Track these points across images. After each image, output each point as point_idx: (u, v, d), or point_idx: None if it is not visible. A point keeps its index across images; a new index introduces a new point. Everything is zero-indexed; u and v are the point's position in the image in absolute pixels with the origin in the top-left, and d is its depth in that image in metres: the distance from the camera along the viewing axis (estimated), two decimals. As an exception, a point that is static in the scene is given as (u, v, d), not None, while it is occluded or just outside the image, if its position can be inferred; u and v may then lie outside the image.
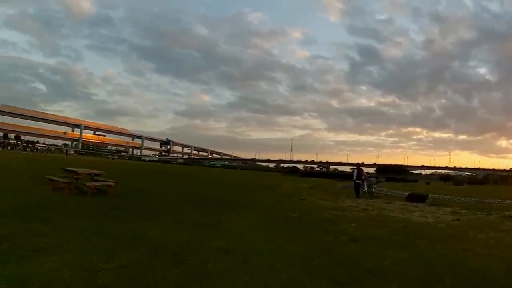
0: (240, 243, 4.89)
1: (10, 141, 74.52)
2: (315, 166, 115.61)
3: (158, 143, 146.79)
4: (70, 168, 10.67)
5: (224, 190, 15.67)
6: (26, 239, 4.33)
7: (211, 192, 13.31)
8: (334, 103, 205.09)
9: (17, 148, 62.67)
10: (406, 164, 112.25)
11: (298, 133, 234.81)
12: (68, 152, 76.40)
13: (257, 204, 10.14)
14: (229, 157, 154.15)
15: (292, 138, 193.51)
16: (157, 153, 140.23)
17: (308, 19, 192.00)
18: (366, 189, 15.93)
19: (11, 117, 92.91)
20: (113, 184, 9.98)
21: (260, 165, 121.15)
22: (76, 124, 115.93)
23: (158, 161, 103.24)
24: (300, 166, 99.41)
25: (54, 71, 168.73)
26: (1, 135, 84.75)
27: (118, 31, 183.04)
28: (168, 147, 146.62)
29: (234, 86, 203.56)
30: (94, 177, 10.62)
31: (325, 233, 5.99)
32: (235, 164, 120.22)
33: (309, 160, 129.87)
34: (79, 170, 10.27)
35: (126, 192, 10.33)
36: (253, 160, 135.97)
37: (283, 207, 9.67)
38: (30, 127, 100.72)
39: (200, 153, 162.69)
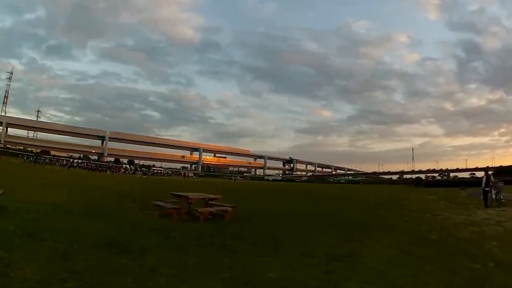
0: (381, 282, 4.55)
1: (123, 165, 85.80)
2: (436, 174, 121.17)
3: (281, 162, 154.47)
4: (180, 193, 10.83)
5: (352, 208, 16.12)
6: (100, 278, 3.93)
7: (338, 212, 13.66)
8: (448, 106, 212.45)
9: (130, 172, 71.00)
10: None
11: (417, 141, 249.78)
12: (187, 174, 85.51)
13: (391, 225, 10.25)
14: (352, 172, 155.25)
15: (412, 148, 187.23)
16: (281, 172, 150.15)
17: (409, 21, 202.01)
18: (494, 196, 16.76)
19: (123, 143, 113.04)
20: (230, 209, 9.87)
21: (384, 178, 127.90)
22: (195, 147, 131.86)
23: (281, 180, 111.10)
24: (423, 176, 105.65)
25: (166, 98, 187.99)
26: (112, 160, 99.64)
27: (227, 54, 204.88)
28: (292, 165, 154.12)
29: (352, 99, 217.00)
30: (209, 202, 10.64)
31: (470, 257, 6.06)
32: (358, 178, 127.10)
33: (430, 168, 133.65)
34: (190, 195, 10.36)
35: (246, 216, 10.32)
36: (375, 173, 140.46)
37: (419, 227, 9.85)
38: (144, 152, 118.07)
39: (324, 169, 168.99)
